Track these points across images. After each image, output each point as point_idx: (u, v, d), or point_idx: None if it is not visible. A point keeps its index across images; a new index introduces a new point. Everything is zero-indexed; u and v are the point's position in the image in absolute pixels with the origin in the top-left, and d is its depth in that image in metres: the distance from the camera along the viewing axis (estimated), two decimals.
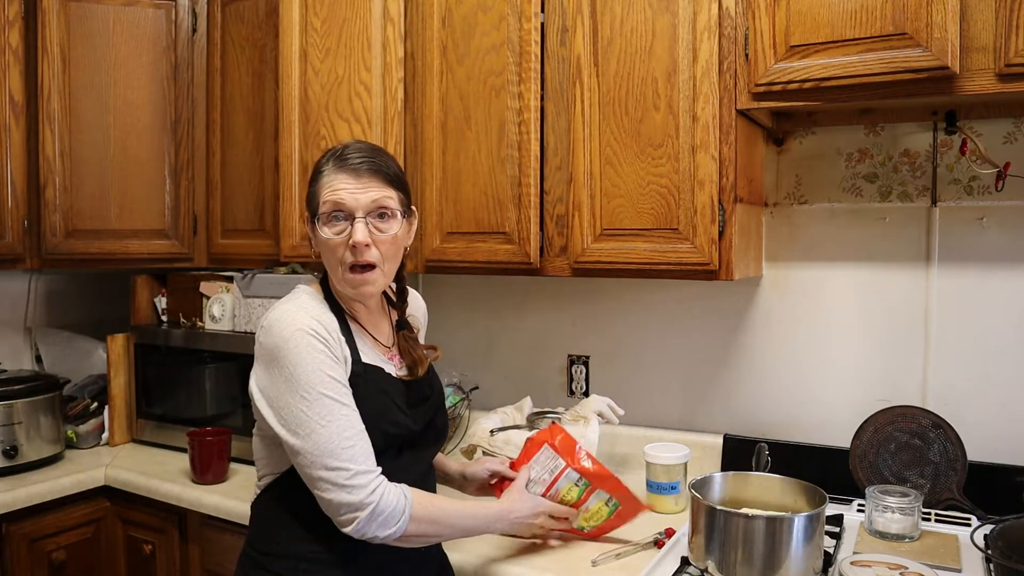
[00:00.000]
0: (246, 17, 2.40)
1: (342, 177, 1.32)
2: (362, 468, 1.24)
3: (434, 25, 1.96)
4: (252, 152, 2.40)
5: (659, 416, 2.14)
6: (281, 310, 1.31)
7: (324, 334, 1.28)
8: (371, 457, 1.27)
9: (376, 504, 1.23)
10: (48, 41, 2.30)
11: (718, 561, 1.33)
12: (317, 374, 1.25)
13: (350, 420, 1.26)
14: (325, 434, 1.24)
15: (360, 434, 1.27)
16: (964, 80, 1.41)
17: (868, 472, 1.71)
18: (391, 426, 1.35)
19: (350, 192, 1.31)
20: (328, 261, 1.35)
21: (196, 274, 2.49)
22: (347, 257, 1.32)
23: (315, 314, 1.31)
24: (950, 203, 1.78)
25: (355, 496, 1.22)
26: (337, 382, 1.27)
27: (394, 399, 1.37)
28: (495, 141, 1.88)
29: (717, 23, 1.60)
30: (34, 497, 2.06)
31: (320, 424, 1.24)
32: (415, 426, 1.39)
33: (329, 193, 1.32)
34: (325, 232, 1.32)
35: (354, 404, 1.29)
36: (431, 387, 1.48)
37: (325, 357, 1.27)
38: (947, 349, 1.79)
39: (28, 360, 2.70)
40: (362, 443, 1.26)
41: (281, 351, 1.26)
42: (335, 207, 1.31)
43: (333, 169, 1.33)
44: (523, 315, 2.35)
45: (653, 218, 1.69)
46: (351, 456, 1.24)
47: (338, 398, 1.26)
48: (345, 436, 1.24)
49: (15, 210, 2.29)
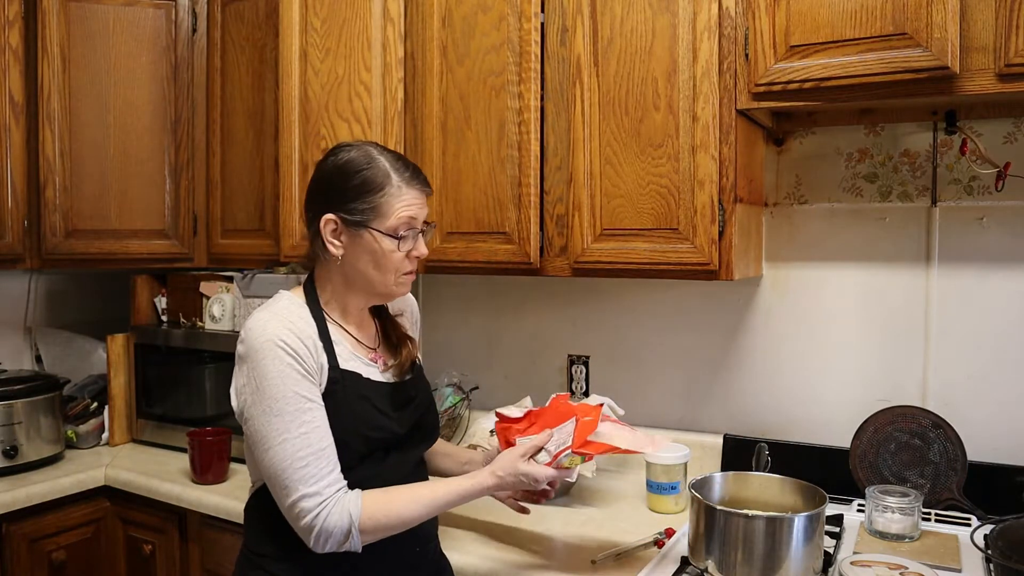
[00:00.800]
0: (246, 17, 2.40)
1: (415, 193, 1.36)
2: (308, 491, 1.23)
3: (434, 25, 1.96)
4: (252, 152, 2.40)
5: (659, 416, 2.14)
6: (255, 318, 1.31)
7: (295, 345, 1.28)
8: (325, 477, 1.25)
9: (318, 528, 1.23)
10: (48, 41, 2.30)
11: (718, 561, 1.33)
12: (280, 389, 1.25)
13: (308, 439, 1.25)
14: (280, 452, 1.24)
15: (317, 454, 1.25)
16: (964, 80, 1.41)
17: (868, 472, 1.71)
18: (373, 431, 1.34)
19: (420, 208, 1.37)
20: (379, 268, 1.36)
21: (196, 274, 2.49)
22: (405, 267, 1.37)
23: (290, 323, 1.30)
24: (950, 203, 1.78)
25: (299, 521, 1.24)
26: (302, 397, 1.26)
27: (375, 403, 1.36)
28: (495, 141, 1.88)
29: (717, 23, 1.60)
30: (34, 497, 2.06)
31: (276, 441, 1.25)
32: (400, 429, 1.39)
33: (405, 208, 1.34)
34: (392, 243, 1.34)
35: (321, 419, 1.28)
36: (416, 388, 1.47)
37: (292, 371, 1.26)
38: (947, 349, 1.79)
39: (28, 360, 2.70)
40: (318, 463, 1.25)
41: (251, 361, 1.28)
42: (411, 224, 1.35)
43: (404, 184, 1.35)
44: (523, 315, 2.35)
45: (653, 218, 1.69)
46: (301, 477, 1.23)
47: (298, 415, 1.25)
48: (298, 456, 1.24)
49: (15, 210, 2.29)
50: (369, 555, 1.31)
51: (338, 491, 1.26)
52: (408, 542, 1.39)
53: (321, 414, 1.28)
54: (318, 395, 1.29)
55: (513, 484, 1.38)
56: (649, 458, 1.82)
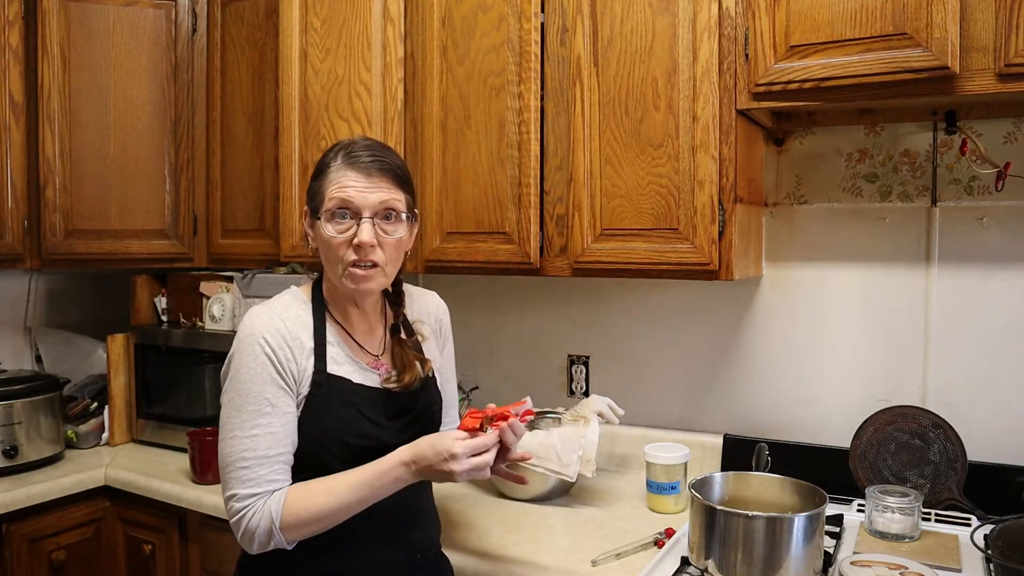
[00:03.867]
0: (246, 17, 2.40)
1: (351, 175, 1.28)
2: (241, 492, 1.24)
3: (434, 25, 1.96)
4: (252, 152, 2.40)
5: (659, 416, 2.14)
6: (252, 311, 1.32)
7: (276, 345, 1.27)
8: (263, 482, 1.25)
9: (242, 529, 1.25)
10: (48, 41, 2.30)
11: (718, 561, 1.33)
12: (248, 386, 1.26)
13: (255, 442, 1.25)
14: (229, 447, 1.26)
15: (260, 459, 1.25)
16: (964, 80, 1.41)
17: (868, 472, 1.71)
18: (356, 438, 1.31)
19: (358, 191, 1.27)
20: (328, 259, 1.32)
21: (196, 274, 2.49)
22: (349, 256, 1.29)
23: (280, 321, 1.30)
24: (950, 203, 1.78)
25: (229, 518, 1.27)
26: (265, 400, 1.26)
27: (363, 410, 1.33)
28: (495, 141, 1.88)
29: (717, 23, 1.60)
30: (34, 497, 2.06)
31: (228, 435, 1.27)
32: (390, 438, 1.33)
33: (337, 190, 1.28)
34: (328, 229, 1.28)
35: (279, 426, 1.26)
36: (418, 399, 1.41)
37: (264, 371, 1.26)
38: (947, 349, 1.79)
39: (28, 360, 2.70)
40: (259, 468, 1.25)
41: (235, 351, 1.30)
42: (342, 204, 1.28)
43: (342, 165, 1.29)
44: (523, 315, 2.35)
45: (653, 218, 1.69)
46: (238, 477, 1.25)
47: (254, 417, 1.25)
48: (242, 456, 1.25)
49: (15, 210, 2.29)
50: (368, 563, 1.31)
51: (268, 493, 1.25)
52: (407, 550, 1.38)
53: (280, 421, 1.27)
54: (286, 401, 1.28)
55: (431, 458, 1.24)
56: (650, 458, 1.82)
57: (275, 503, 1.24)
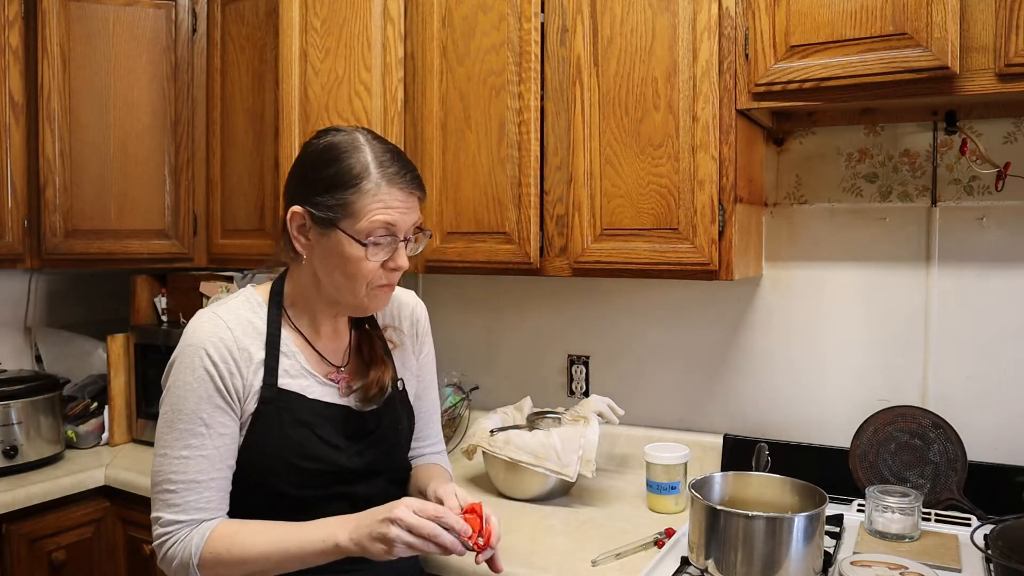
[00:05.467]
0: (246, 17, 2.40)
1: (396, 194, 1.16)
2: (165, 516, 1.17)
3: (434, 25, 1.96)
4: (252, 152, 2.40)
5: (659, 416, 2.14)
6: (199, 314, 1.22)
7: (220, 356, 1.17)
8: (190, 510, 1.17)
9: (161, 555, 1.18)
10: (48, 41, 2.30)
11: (718, 561, 1.33)
12: (183, 401, 1.17)
13: (186, 464, 1.16)
14: (158, 465, 1.18)
15: (189, 484, 1.16)
16: (964, 80, 1.41)
17: (868, 472, 1.71)
18: (307, 461, 1.20)
19: (402, 213, 1.17)
20: (344, 277, 1.19)
21: (196, 274, 2.49)
22: (379, 279, 1.19)
23: (227, 329, 1.19)
24: (950, 203, 1.78)
25: (152, 540, 1.20)
26: (200, 420, 1.16)
27: (317, 430, 1.22)
28: (495, 141, 1.88)
29: (717, 23, 1.60)
30: (34, 497, 2.06)
31: (159, 452, 1.19)
32: (349, 462, 1.23)
33: (380, 211, 1.15)
34: (358, 250, 1.16)
35: (212, 448, 1.17)
36: (381, 418, 1.29)
37: (203, 387, 1.16)
38: (947, 349, 1.79)
39: (28, 360, 2.70)
40: (187, 493, 1.16)
41: (174, 358, 1.20)
42: (387, 229, 1.16)
43: (383, 181, 1.16)
44: (523, 315, 2.35)
45: (653, 218, 1.69)
46: (164, 500, 1.17)
47: (187, 437, 1.16)
48: (170, 479, 1.17)
49: (15, 210, 2.29)
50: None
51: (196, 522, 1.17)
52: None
53: (215, 443, 1.17)
54: (224, 421, 1.18)
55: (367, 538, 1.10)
56: (650, 458, 1.82)
57: (198, 536, 1.16)
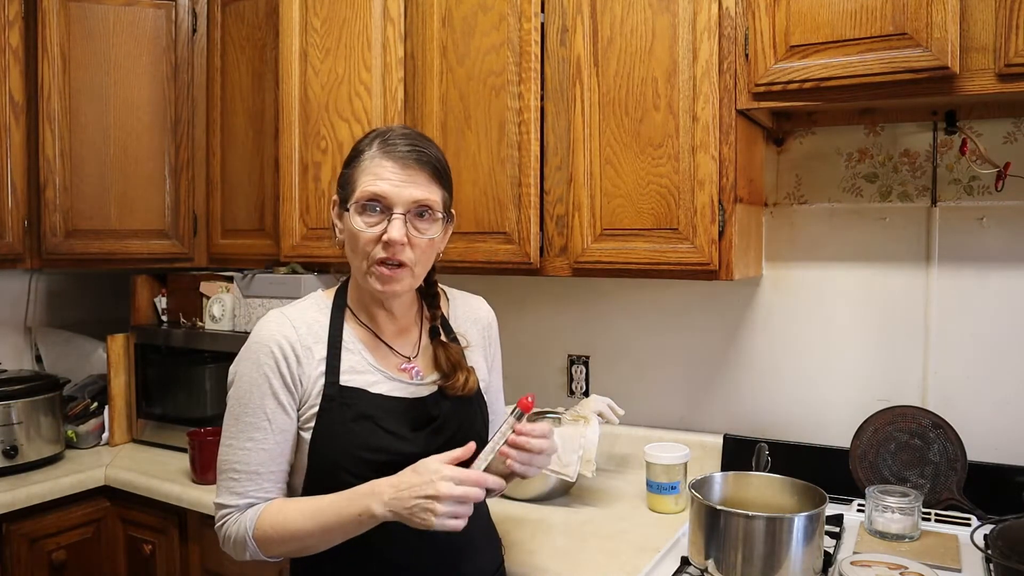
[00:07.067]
0: (246, 17, 2.40)
1: (387, 165, 1.20)
2: (227, 501, 1.24)
3: (434, 25, 1.96)
4: (252, 152, 2.40)
5: (659, 416, 2.14)
6: (268, 314, 1.30)
7: (284, 354, 1.22)
8: (249, 495, 1.23)
9: (222, 536, 1.26)
10: (48, 41, 2.30)
11: (718, 561, 1.33)
12: (249, 395, 1.23)
13: (248, 455, 1.23)
14: (224, 454, 1.25)
15: (250, 474, 1.23)
16: (964, 80, 1.41)
17: (868, 472, 1.71)
18: (372, 453, 1.22)
19: (393, 184, 1.19)
20: (353, 254, 1.24)
21: (196, 274, 2.49)
22: (377, 252, 1.20)
23: (292, 328, 1.24)
24: (950, 203, 1.78)
25: (215, 521, 1.27)
26: (264, 415, 1.22)
27: (381, 422, 1.24)
28: (495, 141, 1.88)
29: (717, 23, 1.60)
30: (34, 497, 2.06)
31: (225, 441, 1.26)
32: (415, 449, 1.23)
33: (370, 181, 1.19)
34: (356, 222, 1.20)
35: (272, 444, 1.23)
36: (441, 406, 1.30)
37: (267, 382, 1.22)
38: (947, 349, 1.79)
39: (28, 360, 2.70)
40: (248, 481, 1.23)
41: (242, 355, 1.27)
42: (374, 197, 1.19)
43: (378, 153, 1.21)
44: (523, 315, 2.35)
45: (653, 218, 1.69)
46: (228, 486, 1.24)
47: (250, 430, 1.22)
48: (233, 467, 1.24)
49: (15, 210, 2.29)
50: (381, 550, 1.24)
51: (251, 504, 1.24)
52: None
53: (275, 438, 1.23)
54: (284, 419, 1.23)
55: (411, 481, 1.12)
56: (650, 458, 1.82)
57: (250, 517, 1.23)
